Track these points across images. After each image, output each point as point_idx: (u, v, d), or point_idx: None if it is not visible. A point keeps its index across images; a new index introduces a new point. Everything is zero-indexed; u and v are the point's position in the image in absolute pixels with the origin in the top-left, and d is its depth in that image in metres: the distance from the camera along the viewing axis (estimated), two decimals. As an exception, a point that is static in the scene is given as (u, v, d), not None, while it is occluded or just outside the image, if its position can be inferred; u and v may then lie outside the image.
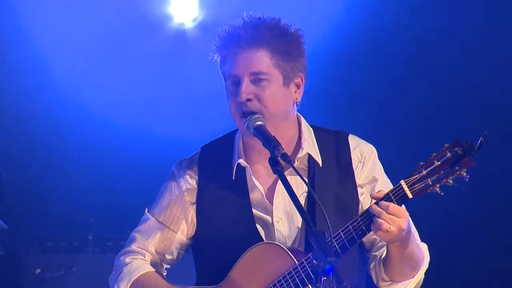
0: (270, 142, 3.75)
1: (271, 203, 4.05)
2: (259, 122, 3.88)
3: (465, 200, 7.17)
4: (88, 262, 7.62)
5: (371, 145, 4.15)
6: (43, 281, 7.59)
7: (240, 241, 3.98)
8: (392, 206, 3.72)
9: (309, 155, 4.06)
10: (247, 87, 3.94)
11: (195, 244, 4.17)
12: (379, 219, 3.72)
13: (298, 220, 4.02)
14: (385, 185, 4.09)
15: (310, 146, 4.06)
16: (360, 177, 4.08)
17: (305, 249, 3.96)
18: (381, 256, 3.99)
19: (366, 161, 4.10)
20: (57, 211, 7.91)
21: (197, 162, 4.15)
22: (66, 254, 7.70)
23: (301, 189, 4.01)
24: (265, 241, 3.98)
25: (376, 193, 3.80)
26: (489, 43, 7.40)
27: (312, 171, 4.05)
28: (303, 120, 4.13)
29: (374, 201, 3.87)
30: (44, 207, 7.94)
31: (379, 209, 3.73)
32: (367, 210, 3.78)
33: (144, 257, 4.14)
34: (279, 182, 4.00)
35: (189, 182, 4.14)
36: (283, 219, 4.04)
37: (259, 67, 3.95)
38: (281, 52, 3.97)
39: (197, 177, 4.13)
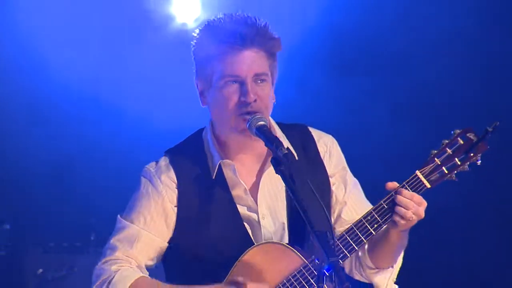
0: (273, 142, 3.76)
1: (255, 199, 4.04)
2: (262, 122, 3.90)
3: (459, 194, 7.17)
4: (90, 263, 7.48)
5: (330, 136, 4.21)
6: (45, 281, 7.58)
7: (228, 240, 3.98)
8: (417, 196, 3.80)
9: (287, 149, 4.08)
10: (253, 87, 3.95)
11: (173, 248, 4.09)
12: (404, 209, 3.76)
13: (282, 215, 4.04)
14: (350, 174, 4.17)
15: (285, 141, 4.08)
16: (330, 167, 4.14)
17: (289, 244, 3.97)
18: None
19: (331, 151, 4.17)
20: (59, 211, 7.90)
21: (171, 165, 4.09)
22: (68, 254, 7.67)
23: (280, 184, 4.02)
24: (263, 241, 3.99)
25: (391, 183, 3.83)
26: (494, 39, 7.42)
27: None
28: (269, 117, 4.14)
29: (344, 191, 3.99)
30: (46, 207, 7.94)
31: (406, 199, 3.79)
32: (390, 196, 3.82)
33: (130, 264, 4.05)
34: (262, 179, 4.04)
35: (168, 185, 4.07)
36: (267, 216, 4.04)
37: (262, 68, 3.99)
38: (273, 54, 4.03)
39: (175, 180, 4.07)
